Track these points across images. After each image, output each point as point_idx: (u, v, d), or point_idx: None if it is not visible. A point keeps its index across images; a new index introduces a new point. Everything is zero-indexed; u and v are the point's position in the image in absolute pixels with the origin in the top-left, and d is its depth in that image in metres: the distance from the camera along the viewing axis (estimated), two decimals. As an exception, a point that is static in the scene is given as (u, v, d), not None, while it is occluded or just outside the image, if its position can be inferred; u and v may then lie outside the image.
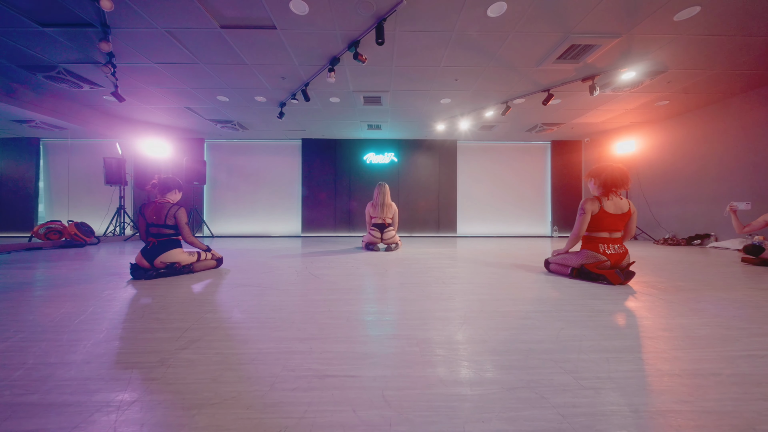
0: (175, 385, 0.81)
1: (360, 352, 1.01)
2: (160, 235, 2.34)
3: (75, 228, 4.58)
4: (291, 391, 0.78)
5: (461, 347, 1.05)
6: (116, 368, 0.90)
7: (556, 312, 1.43)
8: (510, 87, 4.19)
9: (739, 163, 4.46)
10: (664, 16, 2.69)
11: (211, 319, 1.33)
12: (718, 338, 1.14)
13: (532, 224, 7.21)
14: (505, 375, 0.87)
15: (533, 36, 3.02)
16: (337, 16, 2.73)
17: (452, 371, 0.89)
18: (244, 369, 0.90)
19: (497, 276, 2.30)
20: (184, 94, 4.49)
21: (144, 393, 0.77)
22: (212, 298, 1.70)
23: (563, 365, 0.92)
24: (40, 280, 2.17)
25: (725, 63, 3.50)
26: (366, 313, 1.42)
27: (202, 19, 2.78)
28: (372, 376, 0.86)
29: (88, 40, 3.11)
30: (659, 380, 0.84)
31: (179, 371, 0.88)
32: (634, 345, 1.08)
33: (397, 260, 3.12)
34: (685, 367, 0.92)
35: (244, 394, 0.77)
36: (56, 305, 1.54)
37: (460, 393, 0.78)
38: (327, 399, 0.75)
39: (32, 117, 5.00)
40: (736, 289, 1.92)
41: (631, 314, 1.43)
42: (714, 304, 1.58)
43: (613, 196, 2.13)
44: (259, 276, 2.29)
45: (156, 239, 2.31)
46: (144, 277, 2.16)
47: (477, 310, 1.46)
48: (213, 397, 0.76)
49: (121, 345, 1.07)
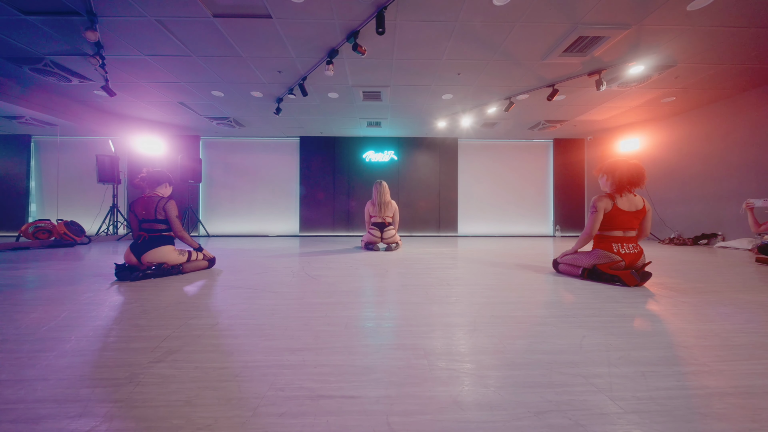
0: (141, 409, 0.68)
1: (360, 365, 0.89)
2: (152, 230, 2.21)
3: (64, 227, 4.44)
4: (278, 416, 0.66)
5: (475, 359, 0.93)
6: (76, 387, 0.77)
7: (574, 317, 1.31)
8: (514, 82, 4.07)
9: (745, 161, 4.35)
10: (677, 5, 2.57)
11: (194, 325, 1.20)
12: (759, 347, 1.02)
13: (534, 224, 7.10)
14: (529, 394, 0.74)
15: (540, 27, 2.90)
16: (336, 3, 2.60)
17: (468, 390, 0.76)
18: (225, 388, 0.77)
19: (504, 277, 2.18)
20: (177, 89, 4.35)
21: (102, 420, 0.64)
22: (199, 301, 1.57)
23: (594, 381, 0.80)
24: (20, 281, 2.04)
25: (734, 57, 3.39)
26: (366, 319, 1.29)
27: (194, 7, 2.64)
28: (374, 396, 0.73)
29: (74, 29, 2.97)
30: (710, 401, 0.72)
31: (149, 391, 0.75)
32: (669, 356, 0.95)
33: (397, 260, 3.00)
34: (736, 384, 0.80)
35: (222, 421, 0.64)
36: (27, 310, 1.41)
37: (480, 419, 0.65)
38: (321, 428, 0.63)
39: (21, 113, 4.86)
40: (759, 291, 1.81)
41: (657, 319, 1.31)
42: (741, 308, 1.46)
43: (626, 193, 2.01)
44: (253, 277, 2.16)
45: (147, 234, 2.18)
46: (130, 279, 2.03)
47: (487, 315, 1.33)
48: (183, 425, 0.63)
49: (89, 357, 0.94)
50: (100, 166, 5.74)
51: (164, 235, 2.24)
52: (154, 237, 2.20)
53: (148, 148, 6.30)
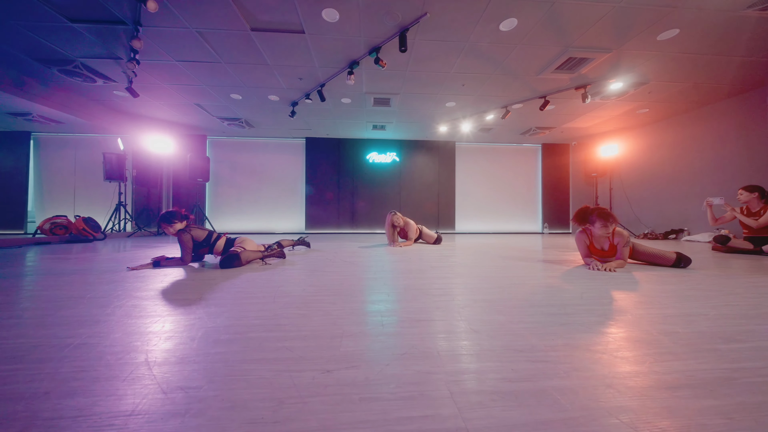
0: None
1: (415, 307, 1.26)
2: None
3: (83, 223, 4.56)
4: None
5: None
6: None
7: (554, 279, 1.73)
8: (511, 93, 4.54)
9: (708, 165, 5.01)
10: (648, 36, 3.10)
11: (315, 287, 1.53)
12: (702, 299, 1.47)
13: (525, 222, 7.67)
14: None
15: (537, 48, 3.36)
16: (364, 24, 2.96)
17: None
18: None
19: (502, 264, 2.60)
20: (197, 92, 4.57)
21: (290, 331, 0.99)
22: (300, 275, 1.88)
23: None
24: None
25: (698, 77, 3.99)
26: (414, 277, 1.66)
27: (235, 22, 2.94)
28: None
29: (115, 36, 3.18)
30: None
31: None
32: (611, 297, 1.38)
33: (412, 250, 3.37)
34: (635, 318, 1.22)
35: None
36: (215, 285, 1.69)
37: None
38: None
39: (39, 111, 4.92)
40: (709, 268, 2.31)
41: (624, 281, 1.74)
42: (685, 277, 1.93)
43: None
44: (306, 262, 2.47)
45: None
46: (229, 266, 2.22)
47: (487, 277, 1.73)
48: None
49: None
50: (107, 164, 5.81)
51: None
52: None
53: (155, 146, 6.40)
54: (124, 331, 1.00)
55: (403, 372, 0.73)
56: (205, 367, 0.75)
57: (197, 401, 0.61)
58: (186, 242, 2.31)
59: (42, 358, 0.81)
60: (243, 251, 2.32)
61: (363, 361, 0.78)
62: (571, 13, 2.78)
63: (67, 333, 0.98)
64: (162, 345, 0.89)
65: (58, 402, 0.61)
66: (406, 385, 0.67)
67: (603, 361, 0.79)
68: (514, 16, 2.83)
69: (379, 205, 7.21)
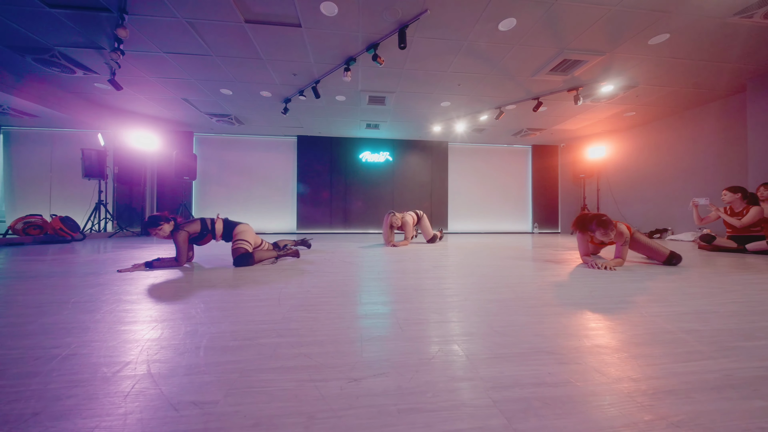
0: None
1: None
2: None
3: (60, 222, 4.29)
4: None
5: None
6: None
7: (546, 270, 1.73)
8: (505, 93, 4.58)
9: (689, 166, 5.22)
10: (641, 39, 3.17)
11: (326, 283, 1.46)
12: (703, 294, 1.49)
13: (516, 222, 7.78)
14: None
15: (533, 49, 3.39)
16: (363, 19, 2.90)
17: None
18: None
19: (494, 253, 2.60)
20: (185, 86, 4.38)
21: (304, 336, 0.92)
22: (311, 268, 1.80)
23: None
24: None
25: (683, 82, 4.13)
26: (417, 270, 1.61)
27: (229, 13, 2.81)
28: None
29: (97, 24, 2.99)
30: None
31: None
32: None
33: (408, 250, 3.34)
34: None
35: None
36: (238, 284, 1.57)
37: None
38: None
39: (12, 103, 4.58)
40: (700, 266, 2.37)
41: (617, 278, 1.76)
42: (677, 273, 1.97)
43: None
44: (312, 258, 2.39)
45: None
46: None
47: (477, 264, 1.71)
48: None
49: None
50: (86, 160, 5.50)
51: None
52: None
53: (138, 142, 6.11)
54: (118, 339, 0.90)
55: (436, 379, 0.68)
56: (219, 378, 0.68)
57: (215, 419, 0.55)
58: (181, 242, 2.19)
59: (26, 372, 0.71)
60: (257, 250, 2.22)
61: (390, 368, 0.73)
62: (569, 14, 2.81)
63: (53, 343, 0.88)
64: (164, 354, 0.80)
65: (51, 425, 0.53)
66: (442, 393, 0.63)
67: (636, 364, 0.77)
68: (514, 15, 2.84)
69: (372, 204, 7.15)
